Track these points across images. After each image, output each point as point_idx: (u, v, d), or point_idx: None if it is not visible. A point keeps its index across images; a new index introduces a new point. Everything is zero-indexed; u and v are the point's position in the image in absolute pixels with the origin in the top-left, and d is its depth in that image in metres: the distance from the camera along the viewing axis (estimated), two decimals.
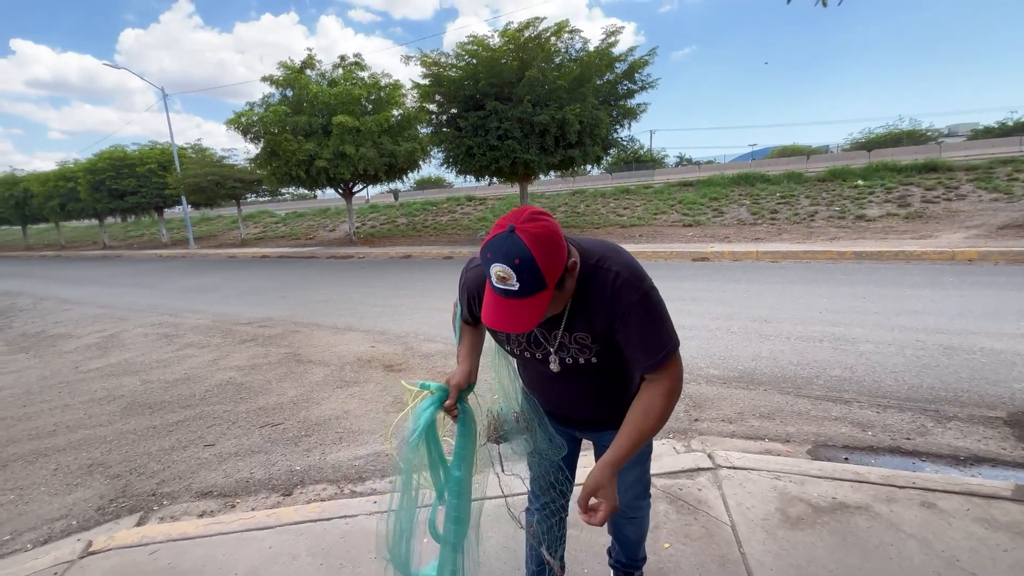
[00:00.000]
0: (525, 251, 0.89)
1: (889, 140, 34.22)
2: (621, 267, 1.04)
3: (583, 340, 1.11)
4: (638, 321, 1.04)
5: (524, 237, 0.90)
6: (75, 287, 11.45)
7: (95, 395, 4.16)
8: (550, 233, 0.93)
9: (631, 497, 1.39)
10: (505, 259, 0.90)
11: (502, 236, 0.92)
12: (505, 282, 0.92)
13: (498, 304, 0.96)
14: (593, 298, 1.06)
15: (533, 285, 0.92)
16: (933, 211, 10.34)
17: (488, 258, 0.93)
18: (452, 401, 1.21)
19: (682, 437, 2.76)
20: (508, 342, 1.21)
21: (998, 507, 1.88)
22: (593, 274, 1.05)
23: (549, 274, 0.92)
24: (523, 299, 0.93)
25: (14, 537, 2.36)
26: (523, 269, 0.90)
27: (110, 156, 20.85)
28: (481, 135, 11.27)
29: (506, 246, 0.91)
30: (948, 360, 3.50)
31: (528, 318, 0.95)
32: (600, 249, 1.08)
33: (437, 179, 49.52)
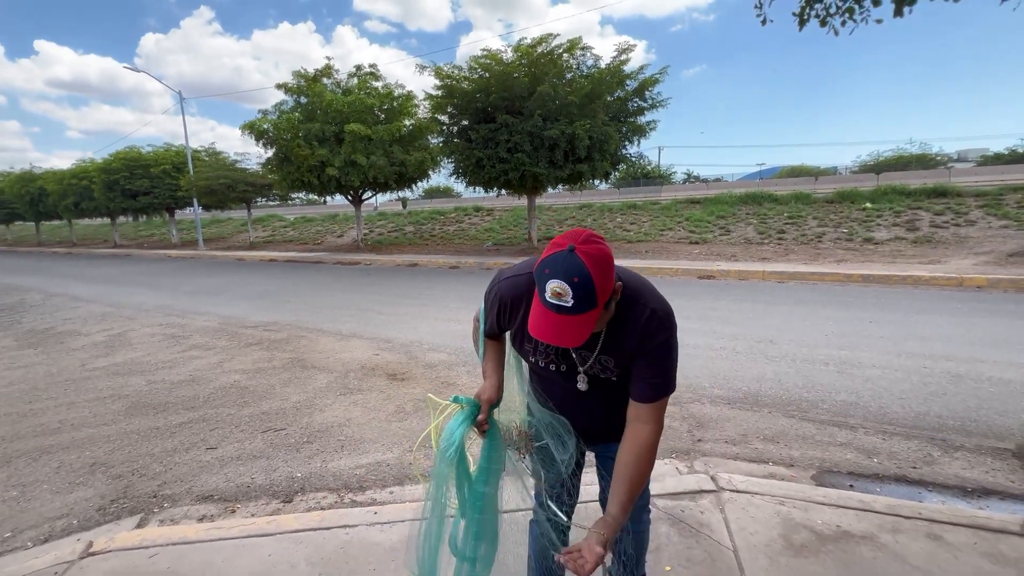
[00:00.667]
0: (584, 271, 0.95)
1: (898, 163, 34.21)
2: (658, 306, 1.13)
3: (607, 363, 1.19)
4: (658, 358, 1.13)
5: (584, 257, 0.96)
6: (85, 285, 11.57)
7: (100, 394, 4.18)
8: (606, 256, 0.99)
9: (634, 510, 1.38)
10: (564, 276, 0.96)
11: (562, 254, 0.97)
12: (560, 298, 0.97)
13: (548, 318, 1.01)
14: (627, 328, 1.13)
15: (586, 303, 0.97)
16: (942, 236, 10.29)
17: (546, 274, 0.98)
18: (484, 416, 1.23)
19: (685, 457, 2.75)
20: (535, 353, 1.25)
21: (1006, 542, 1.85)
22: (631, 306, 1.13)
23: (602, 295, 0.98)
24: (574, 316, 0.98)
25: (15, 535, 2.37)
26: (580, 287, 0.95)
27: (125, 156, 21.19)
28: (491, 147, 11.38)
29: (566, 264, 0.96)
30: (955, 388, 3.47)
31: (577, 333, 1.00)
32: (637, 283, 1.16)
33: (445, 189, 49.86)
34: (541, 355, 1.25)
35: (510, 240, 14.75)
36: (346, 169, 13.00)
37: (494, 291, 1.26)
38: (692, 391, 3.62)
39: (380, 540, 2.02)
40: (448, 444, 1.15)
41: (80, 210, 23.85)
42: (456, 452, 1.16)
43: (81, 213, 24.45)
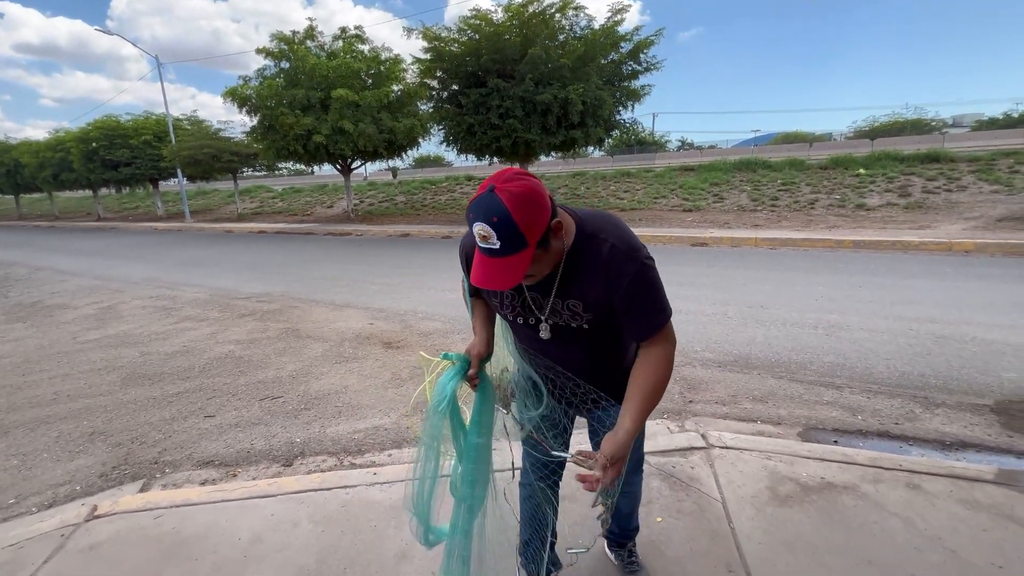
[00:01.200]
0: (503, 209, 0.92)
1: (893, 129, 33.97)
2: (616, 239, 1.07)
3: (575, 307, 1.14)
4: (635, 290, 1.07)
5: (503, 196, 0.92)
6: (70, 258, 11.37)
7: (94, 365, 4.18)
8: (529, 192, 0.94)
9: (626, 471, 1.42)
10: (485, 218, 0.93)
11: (483, 196, 0.94)
12: (487, 240, 0.95)
13: (482, 263, 0.99)
14: (587, 267, 1.08)
15: (513, 243, 0.94)
16: (933, 202, 10.33)
17: (471, 218, 0.96)
18: (475, 371, 1.24)
19: (676, 418, 2.82)
20: (502, 307, 1.24)
21: (981, 490, 1.94)
22: (587, 244, 1.08)
23: (529, 232, 0.94)
24: (505, 257, 0.96)
25: (19, 501, 2.40)
26: (502, 227, 0.92)
27: (103, 126, 20.47)
28: (482, 113, 11.11)
29: (486, 205, 0.93)
30: (940, 349, 3.55)
31: (510, 276, 0.97)
32: (597, 220, 1.11)
33: (436, 158, 48.89)
34: (508, 308, 1.22)
35: None
36: (334, 137, 12.67)
37: (462, 248, 1.24)
38: (684, 355, 3.68)
39: (380, 499, 2.08)
40: (440, 398, 1.18)
41: (60, 182, 23.19)
42: (448, 405, 1.19)
43: (61, 185, 23.77)
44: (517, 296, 1.19)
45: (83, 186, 23.43)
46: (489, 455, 1.30)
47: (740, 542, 1.74)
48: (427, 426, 1.20)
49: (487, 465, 1.31)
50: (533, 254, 0.98)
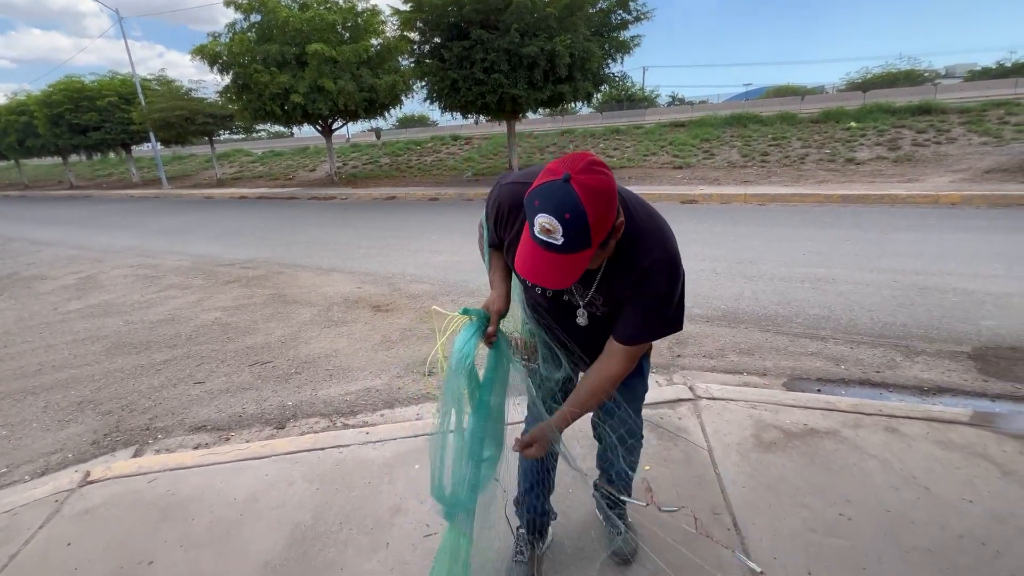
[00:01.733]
0: (579, 206, 0.82)
1: (886, 80, 33.40)
2: (661, 253, 1.02)
3: (595, 300, 1.14)
4: (646, 305, 1.06)
5: (579, 190, 0.82)
6: (44, 228, 11.01)
7: (78, 336, 4.11)
8: (607, 189, 0.85)
9: (625, 434, 1.42)
10: (556, 212, 0.83)
11: (555, 185, 0.84)
12: (549, 235, 0.85)
13: (535, 255, 0.90)
14: (623, 271, 1.05)
15: (579, 243, 0.85)
16: (922, 155, 10.29)
17: (536, 206, 0.86)
18: (494, 327, 1.18)
19: (665, 372, 2.86)
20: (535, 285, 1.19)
21: (955, 431, 2.01)
22: (632, 248, 1.02)
23: (596, 233, 0.86)
24: (564, 255, 0.87)
25: (11, 469, 2.40)
26: (572, 225, 0.83)
27: (67, 87, 19.36)
28: (466, 67, 10.67)
29: (558, 197, 0.83)
30: (922, 299, 3.62)
31: (565, 275, 0.90)
32: (647, 223, 1.04)
33: (421, 117, 47.41)
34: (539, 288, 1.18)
35: (490, 169, 14.30)
36: (312, 96, 12.13)
37: (494, 196, 1.15)
38: None
39: (373, 457, 2.10)
40: (461, 356, 1.12)
41: (26, 149, 22.14)
42: (469, 364, 1.14)
43: (28, 152, 22.72)
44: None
45: (51, 152, 22.41)
46: (503, 414, 1.28)
47: (725, 486, 1.80)
48: (448, 388, 1.14)
49: (500, 424, 1.29)
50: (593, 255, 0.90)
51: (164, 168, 20.46)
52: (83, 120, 19.08)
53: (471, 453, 1.22)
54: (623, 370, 1.13)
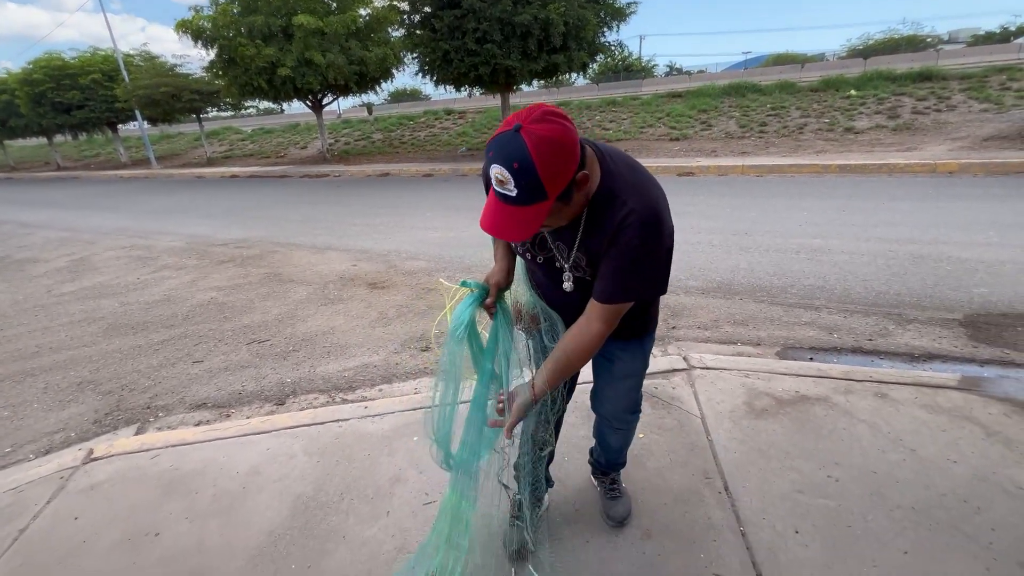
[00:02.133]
0: (526, 156, 0.82)
1: (887, 47, 32.74)
2: (639, 206, 0.97)
3: (580, 261, 1.10)
4: (626, 260, 0.99)
5: (528, 140, 0.82)
6: (33, 210, 10.85)
7: (74, 317, 4.10)
8: (559, 138, 0.84)
9: (620, 410, 1.43)
10: (504, 161, 0.84)
11: (507, 135, 0.84)
12: (503, 186, 0.86)
13: (495, 208, 0.91)
14: (600, 226, 1.01)
15: (532, 194, 0.85)
16: (921, 123, 10.17)
17: (490, 157, 0.87)
18: (492, 300, 1.21)
19: (659, 343, 2.89)
20: (523, 250, 1.18)
21: (943, 395, 2.05)
22: (608, 201, 0.99)
23: (551, 184, 0.85)
24: (520, 207, 0.88)
25: (15, 449, 2.43)
26: (522, 175, 0.83)
27: (47, 65, 18.75)
28: (458, 38, 10.39)
29: (508, 147, 0.84)
30: (916, 268, 3.63)
31: (522, 228, 0.90)
32: (627, 173, 1.01)
33: (413, 91, 46.40)
34: (519, 246, 1.17)
35: (485, 144, 14.07)
36: (300, 69, 11.81)
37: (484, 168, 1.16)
38: (669, 283, 3.72)
39: (372, 430, 2.13)
40: (457, 324, 1.18)
41: (9, 129, 21.58)
42: (465, 331, 1.18)
43: (11, 133, 22.16)
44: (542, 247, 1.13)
45: (35, 133, 21.86)
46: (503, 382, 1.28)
47: (717, 452, 1.84)
48: (444, 352, 1.20)
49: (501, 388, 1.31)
50: (551, 208, 0.89)
51: (152, 147, 20.07)
52: (66, 98, 18.57)
53: (472, 419, 1.25)
54: (603, 330, 1.08)
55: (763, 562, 1.40)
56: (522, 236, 0.91)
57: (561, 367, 1.11)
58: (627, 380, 1.39)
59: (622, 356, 1.34)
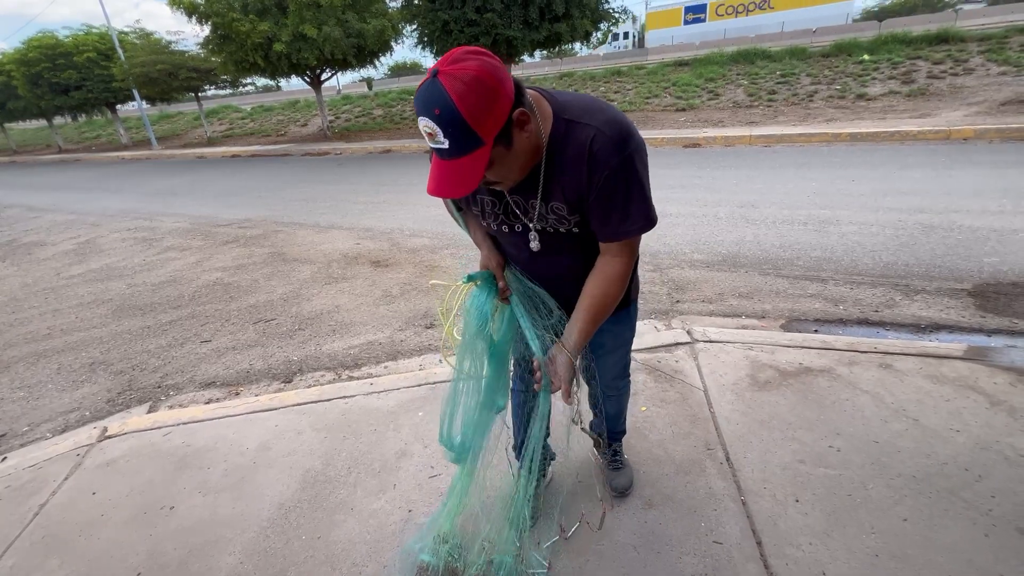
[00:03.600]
0: (447, 100, 0.75)
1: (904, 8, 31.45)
2: (602, 124, 0.90)
3: (559, 210, 1.01)
4: (615, 184, 0.92)
5: (447, 82, 0.76)
6: (38, 194, 10.87)
7: (83, 299, 4.15)
8: (480, 74, 0.77)
9: (611, 377, 1.44)
10: (427, 111, 0.78)
11: (426, 84, 0.78)
12: (434, 139, 0.80)
13: (436, 167, 0.85)
14: (567, 160, 0.93)
15: (464, 141, 0.79)
16: (937, 88, 9.84)
17: (417, 112, 0.81)
18: (503, 281, 1.17)
19: (663, 317, 2.88)
20: (484, 216, 1.11)
21: (948, 365, 2.04)
22: (567, 132, 0.92)
23: (481, 126, 0.78)
24: (458, 158, 0.81)
25: (32, 428, 2.49)
26: (447, 121, 0.77)
27: (41, 44, 18.45)
28: (458, 8, 10.09)
29: (428, 95, 0.77)
30: (926, 238, 3.57)
31: (464, 181, 0.83)
32: (579, 103, 0.94)
33: (413, 64, 45.45)
34: (491, 217, 1.09)
35: None
36: (296, 44, 11.55)
37: None
38: (672, 257, 3.69)
39: (378, 406, 2.17)
40: (480, 322, 1.13)
41: (8, 112, 21.44)
42: (488, 326, 1.14)
43: (10, 115, 22.02)
44: (498, 202, 1.06)
45: (34, 115, 21.72)
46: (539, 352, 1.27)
47: (719, 423, 1.86)
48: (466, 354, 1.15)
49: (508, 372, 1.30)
50: (491, 154, 0.83)
51: (152, 127, 19.88)
52: (62, 79, 18.33)
53: (485, 403, 1.25)
54: (627, 262, 1.04)
55: (763, 530, 1.43)
56: (463, 190, 0.85)
57: (594, 314, 1.06)
58: (616, 351, 1.40)
59: (611, 329, 1.31)
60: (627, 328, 1.36)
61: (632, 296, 1.31)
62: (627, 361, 1.47)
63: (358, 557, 1.48)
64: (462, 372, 1.19)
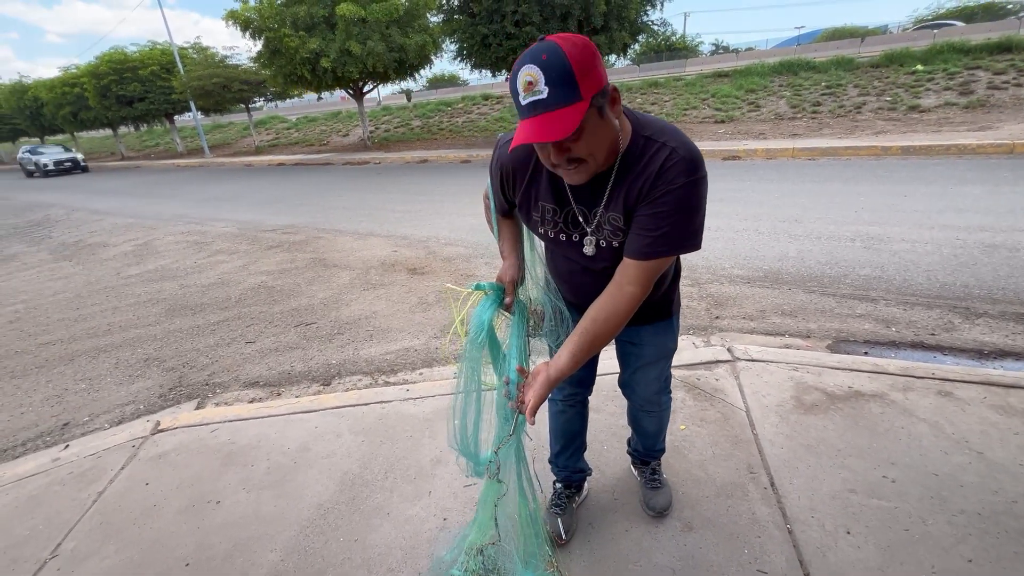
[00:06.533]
0: (555, 48, 0.80)
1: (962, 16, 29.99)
2: (679, 146, 0.93)
3: (615, 222, 1.02)
4: (668, 204, 0.93)
5: (555, 38, 0.82)
6: (102, 198, 11.65)
7: (139, 298, 4.40)
8: (586, 41, 0.84)
9: (652, 392, 1.42)
10: (533, 58, 0.81)
11: (534, 45, 0.84)
12: (532, 89, 0.81)
13: (527, 125, 0.85)
14: (638, 173, 0.95)
15: (565, 92, 0.80)
16: (998, 99, 9.31)
17: (516, 66, 0.84)
18: (511, 298, 1.18)
19: (702, 333, 2.81)
20: (543, 224, 1.12)
21: (1017, 395, 1.91)
22: (644, 148, 0.94)
23: (584, 80, 0.81)
24: (556, 109, 0.82)
25: (92, 418, 2.65)
26: (552, 68, 0.79)
27: (111, 59, 19.98)
28: (497, 21, 10.29)
29: (536, 48, 0.82)
30: (988, 258, 3.36)
31: (562, 127, 0.82)
32: (657, 124, 0.97)
33: (451, 76, 46.45)
34: (549, 224, 1.10)
35: None
36: (342, 59, 12.04)
37: (495, 158, 1.12)
38: (712, 272, 3.61)
39: (414, 412, 2.20)
40: (478, 330, 1.14)
41: (80, 121, 23.22)
42: (486, 336, 1.15)
43: (81, 124, 23.82)
44: (559, 210, 1.07)
45: (102, 124, 23.43)
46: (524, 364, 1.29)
47: (763, 446, 1.79)
48: (465, 360, 1.17)
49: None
50: (587, 112, 0.83)
51: (205, 137, 21.06)
52: (128, 91, 19.75)
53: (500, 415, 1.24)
54: (637, 294, 1.00)
55: (811, 561, 1.36)
56: (563, 132, 0.83)
57: (589, 339, 1.02)
58: (658, 363, 1.37)
59: (652, 340, 1.32)
60: (670, 339, 1.34)
61: (673, 309, 1.30)
62: (668, 375, 1.45)
63: (393, 563, 1.50)
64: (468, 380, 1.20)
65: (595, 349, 1.05)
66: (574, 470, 1.58)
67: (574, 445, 1.55)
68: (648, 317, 1.25)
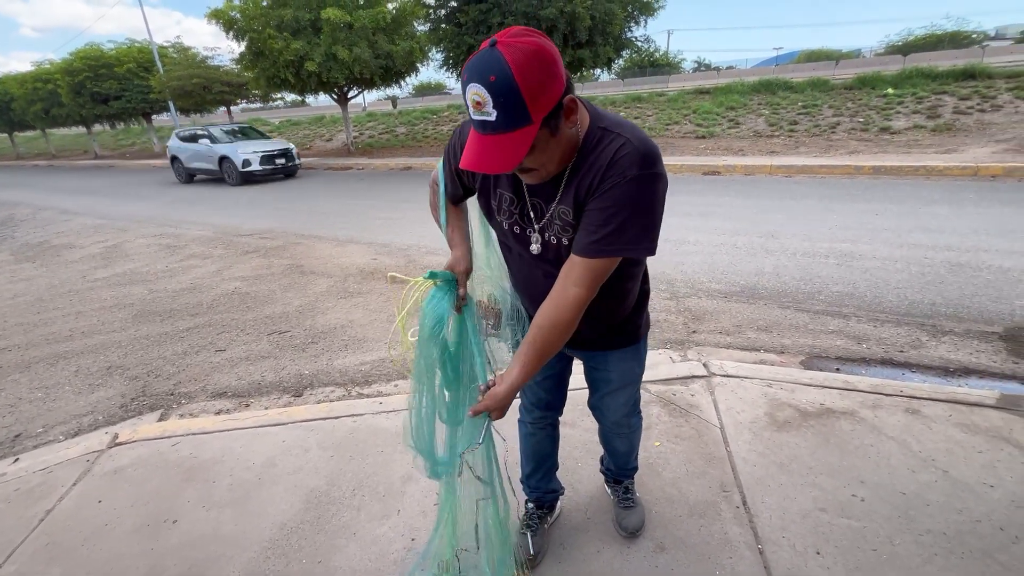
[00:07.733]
0: (503, 66, 0.73)
1: (929, 43, 31.40)
2: (634, 138, 0.87)
3: (565, 216, 0.96)
4: (619, 197, 0.87)
5: (506, 52, 0.73)
6: (72, 197, 11.27)
7: (105, 303, 4.24)
8: (539, 51, 0.75)
9: (621, 416, 1.40)
10: (480, 77, 0.75)
11: (482, 52, 0.76)
12: (481, 109, 0.77)
13: (475, 142, 0.82)
14: (592, 165, 0.89)
15: (514, 115, 0.76)
16: (963, 123, 9.72)
17: (464, 80, 0.78)
18: (464, 288, 1.12)
19: (679, 348, 2.83)
20: (499, 211, 1.06)
21: (980, 414, 1.95)
22: (600, 139, 0.89)
23: (534, 103, 0.76)
24: (503, 134, 0.78)
25: (46, 430, 2.52)
26: (500, 90, 0.74)
27: (87, 55, 19.43)
28: (483, 32, 10.37)
29: (483, 62, 0.75)
30: (953, 277, 3.47)
31: (507, 157, 0.79)
32: (616, 117, 0.92)
33: (437, 84, 46.56)
34: (505, 214, 1.04)
35: None
36: (327, 64, 11.94)
37: (452, 140, 1.07)
38: (690, 285, 3.64)
39: (386, 426, 2.14)
40: (434, 321, 1.08)
41: (51, 118, 22.47)
42: (442, 328, 1.09)
43: (53, 121, 23.07)
44: (517, 200, 1.01)
45: (75, 122, 22.72)
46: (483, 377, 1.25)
47: (736, 464, 1.79)
48: (421, 353, 1.11)
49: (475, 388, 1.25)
50: (537, 134, 0.79)
51: None
52: (103, 88, 19.22)
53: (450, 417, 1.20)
54: (581, 296, 0.93)
55: None
56: (507, 166, 0.80)
57: (537, 349, 0.97)
58: (626, 389, 1.35)
59: (618, 367, 1.29)
60: (637, 364, 1.32)
61: (641, 333, 1.27)
62: (637, 398, 1.42)
63: None
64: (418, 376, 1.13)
65: (545, 358, 1.00)
66: (546, 491, 1.56)
67: (545, 466, 1.52)
68: (616, 343, 1.23)
